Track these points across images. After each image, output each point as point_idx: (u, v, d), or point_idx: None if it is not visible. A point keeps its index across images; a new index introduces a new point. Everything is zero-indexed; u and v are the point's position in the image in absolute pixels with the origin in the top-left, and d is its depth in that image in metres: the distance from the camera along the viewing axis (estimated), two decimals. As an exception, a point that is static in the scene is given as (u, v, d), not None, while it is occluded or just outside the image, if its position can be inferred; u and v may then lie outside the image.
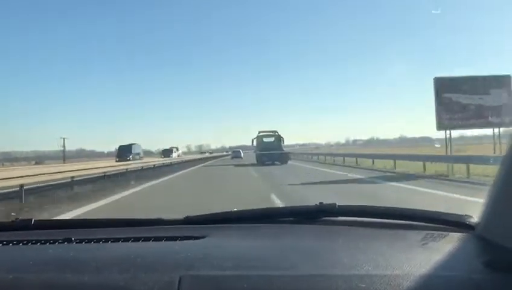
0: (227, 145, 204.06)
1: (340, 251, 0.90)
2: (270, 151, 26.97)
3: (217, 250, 0.93)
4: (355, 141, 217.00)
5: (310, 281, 0.72)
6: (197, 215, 1.23)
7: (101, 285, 0.75)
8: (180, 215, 1.22)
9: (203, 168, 27.19)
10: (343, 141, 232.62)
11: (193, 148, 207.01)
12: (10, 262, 0.89)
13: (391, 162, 18.23)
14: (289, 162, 26.90)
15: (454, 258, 0.82)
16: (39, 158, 67.13)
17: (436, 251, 0.85)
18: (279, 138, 29.94)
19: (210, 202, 7.42)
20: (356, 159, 23.68)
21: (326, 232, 1.09)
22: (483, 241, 0.89)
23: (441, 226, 1.05)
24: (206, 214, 1.24)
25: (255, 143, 30.45)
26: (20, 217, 1.26)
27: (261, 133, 30.93)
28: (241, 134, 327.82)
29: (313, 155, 40.89)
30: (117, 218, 1.26)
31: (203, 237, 1.01)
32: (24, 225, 1.18)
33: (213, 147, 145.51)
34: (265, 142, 29.99)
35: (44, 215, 7.06)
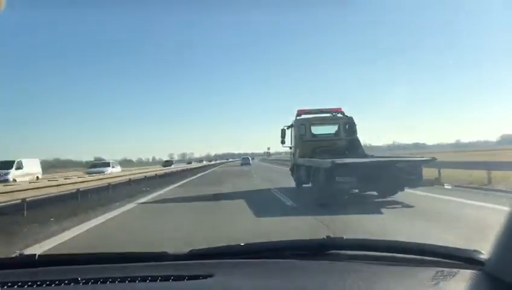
0: (212, 153, 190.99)
1: None
2: (351, 161, 8.55)
3: None
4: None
5: None
6: (202, 249, 1.19)
7: None
8: (185, 247, 1.18)
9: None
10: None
11: (176, 157, 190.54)
12: None
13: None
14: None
15: None
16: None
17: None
18: (351, 126, 11.62)
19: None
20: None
21: (334, 269, 1.05)
22: (493, 280, 0.88)
23: (450, 261, 1.03)
24: (211, 248, 1.20)
25: (289, 139, 12.64)
26: (24, 252, 1.24)
27: (307, 116, 12.07)
28: (227, 142, 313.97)
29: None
30: (122, 252, 1.22)
31: (210, 276, 0.99)
32: (28, 262, 1.15)
33: (197, 155, 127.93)
34: (321, 136, 11.77)
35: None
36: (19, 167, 17.75)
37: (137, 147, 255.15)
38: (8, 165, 17.33)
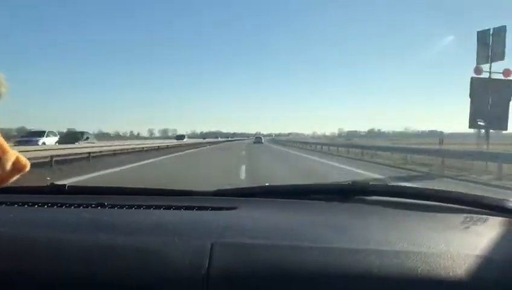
0: (198, 131, 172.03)
1: (373, 228, 0.88)
2: None
3: (248, 221, 0.92)
4: (351, 133, 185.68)
5: (343, 254, 0.70)
6: (227, 189, 1.24)
7: (134, 247, 0.74)
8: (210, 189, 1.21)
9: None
10: (336, 131, 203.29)
11: (156, 133, 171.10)
12: (46, 222, 0.91)
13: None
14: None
15: (496, 241, 0.79)
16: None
17: (476, 234, 0.84)
18: None
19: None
20: None
21: (358, 210, 1.05)
22: None
23: (480, 209, 1.01)
24: (237, 188, 1.27)
25: None
26: (54, 182, 1.29)
27: None
28: (216, 120, 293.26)
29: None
30: (147, 187, 1.28)
31: (234, 208, 1.01)
32: (58, 190, 1.21)
33: (181, 132, 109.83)
34: None
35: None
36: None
37: (116, 120, 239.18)
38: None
